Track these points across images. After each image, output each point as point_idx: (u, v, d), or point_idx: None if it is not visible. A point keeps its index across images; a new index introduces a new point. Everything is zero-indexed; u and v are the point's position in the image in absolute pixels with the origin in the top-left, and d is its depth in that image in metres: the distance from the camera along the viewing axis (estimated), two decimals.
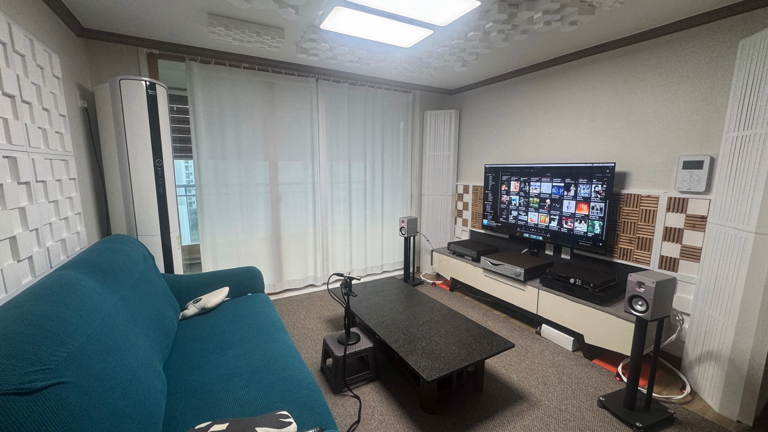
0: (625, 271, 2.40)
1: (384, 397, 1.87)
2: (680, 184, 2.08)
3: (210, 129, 2.79)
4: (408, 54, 2.68)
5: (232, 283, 2.24)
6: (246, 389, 1.26)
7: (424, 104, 3.89)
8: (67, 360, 0.83)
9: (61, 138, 1.74)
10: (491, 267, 2.88)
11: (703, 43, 1.99)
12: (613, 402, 1.77)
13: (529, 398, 1.86)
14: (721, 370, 1.75)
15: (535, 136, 3.01)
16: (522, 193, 2.98)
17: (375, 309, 2.24)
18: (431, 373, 1.54)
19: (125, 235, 1.91)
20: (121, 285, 1.42)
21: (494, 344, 1.79)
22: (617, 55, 2.39)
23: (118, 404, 0.89)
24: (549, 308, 2.46)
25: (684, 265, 2.09)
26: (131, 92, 2.02)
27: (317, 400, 1.24)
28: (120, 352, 1.04)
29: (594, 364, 2.18)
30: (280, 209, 3.23)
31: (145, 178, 2.12)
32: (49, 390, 0.75)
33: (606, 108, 2.48)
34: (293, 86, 3.09)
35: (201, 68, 2.68)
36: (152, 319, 1.48)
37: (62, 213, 1.68)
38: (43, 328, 0.86)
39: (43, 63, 1.60)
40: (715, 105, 1.95)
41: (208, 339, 1.65)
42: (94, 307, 1.09)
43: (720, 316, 1.76)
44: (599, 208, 2.42)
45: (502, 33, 2.17)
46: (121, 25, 2.22)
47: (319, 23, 2.11)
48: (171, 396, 1.25)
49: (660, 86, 2.18)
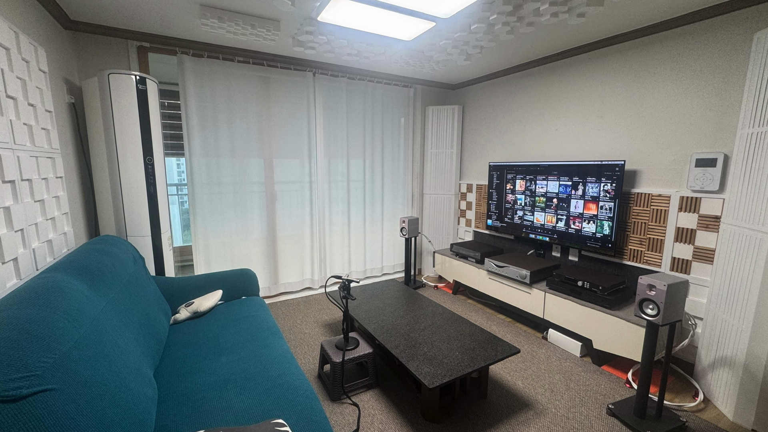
0: (635, 273, 2.40)
1: (384, 404, 1.87)
2: (693, 183, 2.08)
3: (203, 125, 2.80)
4: (409, 47, 2.68)
5: (226, 285, 2.24)
6: (240, 397, 1.26)
7: (426, 99, 3.89)
8: (54, 366, 0.83)
9: (47, 134, 1.75)
10: (496, 269, 2.88)
11: (717, 36, 1.99)
12: (622, 410, 1.77)
13: (535, 406, 1.86)
14: (736, 377, 1.75)
15: (542, 132, 3.01)
16: (528, 192, 2.99)
17: (375, 313, 2.24)
18: (433, 380, 1.54)
19: (114, 236, 1.91)
20: (110, 288, 1.42)
21: (499, 350, 1.79)
22: (627, 49, 2.39)
23: (106, 412, 0.89)
24: (556, 312, 2.46)
25: (697, 267, 2.10)
26: (120, 87, 2.02)
27: (314, 408, 1.24)
28: (109, 358, 1.04)
29: (603, 371, 2.18)
30: (276, 209, 3.23)
31: (135, 176, 2.12)
32: (34, 397, 0.75)
33: (615, 103, 2.48)
34: (289, 81, 3.09)
35: (193, 62, 2.68)
36: (142, 323, 1.49)
37: (49, 213, 1.68)
38: (29, 332, 0.86)
39: (29, 57, 1.60)
40: (729, 100, 1.95)
41: (201, 344, 1.65)
42: (82, 311, 1.09)
43: (734, 321, 1.76)
44: (608, 207, 2.42)
45: (507, 25, 2.18)
46: (110, 17, 2.22)
47: (316, 15, 2.11)
48: (162, 403, 1.25)
49: (672, 81, 2.19)
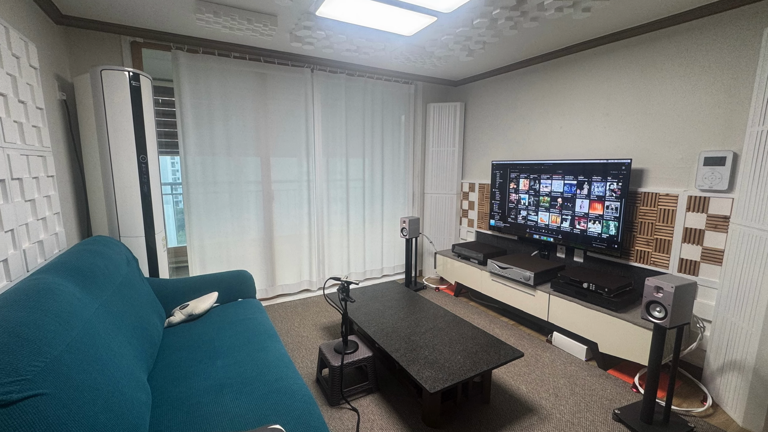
0: (642, 275, 2.40)
1: (384, 409, 1.87)
2: (701, 182, 2.08)
3: (198, 123, 2.80)
4: (410, 42, 2.68)
5: (222, 287, 2.24)
6: (236, 401, 1.26)
7: (427, 96, 3.89)
8: (45, 370, 0.83)
9: (38, 132, 1.75)
10: (499, 271, 2.88)
11: (726, 31, 1.99)
12: (629, 415, 1.77)
13: (539, 411, 1.86)
14: (745, 381, 1.75)
15: (546, 130, 3.02)
16: (532, 192, 2.99)
17: (374, 315, 2.24)
18: (435, 384, 1.54)
19: (107, 237, 1.91)
20: (102, 290, 1.42)
21: (502, 353, 1.79)
22: (634, 44, 2.39)
23: (99, 417, 0.89)
24: (561, 315, 2.46)
25: (705, 268, 2.09)
26: (113, 83, 2.02)
27: (312, 413, 1.24)
28: (101, 362, 1.04)
29: (609, 375, 2.18)
30: (273, 209, 3.23)
31: (129, 175, 2.12)
32: (25, 402, 0.75)
33: (621, 100, 2.48)
34: (287, 77, 3.09)
35: (188, 58, 2.68)
36: (136, 326, 1.48)
37: (40, 213, 1.68)
38: (19, 336, 0.86)
39: (19, 52, 1.60)
40: (739, 97, 1.95)
41: (196, 348, 1.65)
42: (74, 313, 1.09)
43: (744, 323, 1.76)
44: (614, 207, 2.42)
45: (510, 20, 2.18)
46: (103, 12, 2.22)
47: (314, 9, 2.11)
48: (156, 408, 1.24)
49: (679, 77, 2.19)
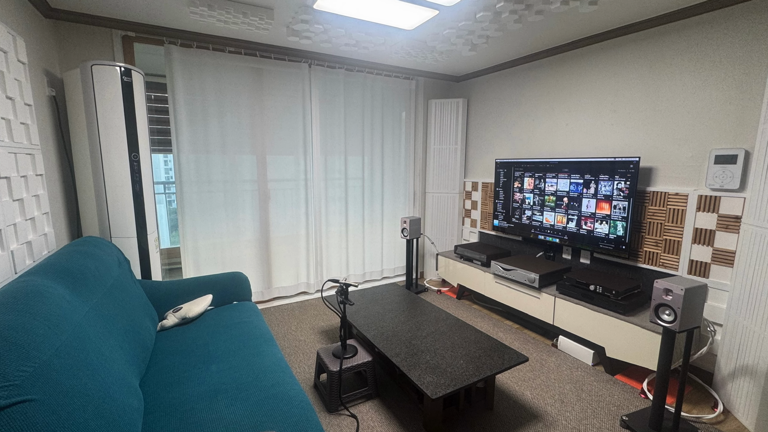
0: (650, 276, 2.40)
1: (384, 416, 1.87)
2: (712, 181, 2.08)
3: (191, 120, 2.80)
4: (410, 37, 2.68)
5: (216, 290, 2.24)
6: (231, 408, 1.26)
7: (429, 92, 3.90)
8: (34, 375, 0.83)
9: (26, 130, 1.74)
10: (502, 272, 2.88)
11: (737, 25, 1.99)
12: (637, 422, 1.77)
13: (544, 418, 1.86)
14: (757, 387, 1.75)
15: (551, 127, 3.01)
16: (537, 191, 2.99)
17: (374, 319, 2.24)
18: (436, 390, 1.54)
19: (98, 238, 1.91)
20: (93, 292, 1.42)
21: (506, 358, 1.79)
22: (642, 38, 2.39)
23: (89, 424, 0.89)
24: (566, 318, 2.46)
25: (716, 270, 2.09)
26: (104, 79, 2.02)
27: (310, 420, 1.24)
28: (92, 367, 1.04)
29: (616, 380, 2.18)
30: (269, 208, 3.23)
31: (120, 174, 2.12)
32: (13, 408, 0.75)
33: (629, 96, 2.48)
34: (283, 72, 3.09)
35: (181, 52, 2.68)
36: (128, 330, 1.48)
37: (28, 213, 1.68)
38: (7, 340, 0.86)
39: (7, 47, 1.60)
40: (751, 93, 1.95)
41: (190, 352, 1.65)
42: (64, 316, 1.09)
43: (756, 327, 1.76)
44: (622, 207, 2.42)
45: (514, 13, 2.17)
46: (93, 5, 2.21)
47: (312, 3, 2.11)
48: (148, 415, 1.25)
49: (689, 72, 2.18)
